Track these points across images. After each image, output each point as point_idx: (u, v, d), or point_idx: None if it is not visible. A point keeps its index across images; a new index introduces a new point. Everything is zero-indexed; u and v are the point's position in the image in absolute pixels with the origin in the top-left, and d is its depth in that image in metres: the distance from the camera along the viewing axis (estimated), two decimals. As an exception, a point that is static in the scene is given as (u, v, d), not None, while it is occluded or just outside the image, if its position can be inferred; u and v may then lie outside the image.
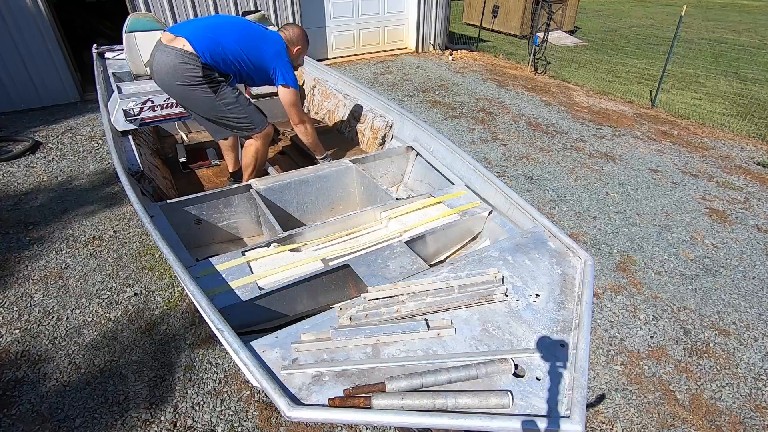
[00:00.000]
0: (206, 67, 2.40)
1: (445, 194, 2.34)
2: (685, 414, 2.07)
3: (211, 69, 2.43)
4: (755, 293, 2.80)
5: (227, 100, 2.52)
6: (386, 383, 1.16)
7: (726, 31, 12.29)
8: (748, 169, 4.42)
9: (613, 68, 8.06)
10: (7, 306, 2.56)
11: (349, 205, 2.77)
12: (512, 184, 3.97)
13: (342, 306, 1.48)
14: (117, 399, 2.05)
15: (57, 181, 3.87)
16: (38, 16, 5.19)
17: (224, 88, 2.50)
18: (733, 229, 3.44)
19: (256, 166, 2.85)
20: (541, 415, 1.12)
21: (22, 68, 5.31)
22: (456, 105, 5.90)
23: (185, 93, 2.47)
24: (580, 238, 3.28)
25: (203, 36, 2.41)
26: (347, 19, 7.72)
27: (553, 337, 1.36)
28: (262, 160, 2.86)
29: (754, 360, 2.35)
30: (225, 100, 2.52)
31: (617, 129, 5.27)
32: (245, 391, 2.10)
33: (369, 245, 2.04)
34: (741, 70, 8.20)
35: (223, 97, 2.51)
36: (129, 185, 2.05)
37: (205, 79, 2.41)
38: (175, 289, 2.69)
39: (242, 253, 1.87)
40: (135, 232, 3.21)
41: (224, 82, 2.52)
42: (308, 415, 1.09)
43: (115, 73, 3.87)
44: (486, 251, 1.75)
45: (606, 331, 2.50)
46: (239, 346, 1.23)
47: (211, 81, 2.45)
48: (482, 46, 9.29)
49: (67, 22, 6.44)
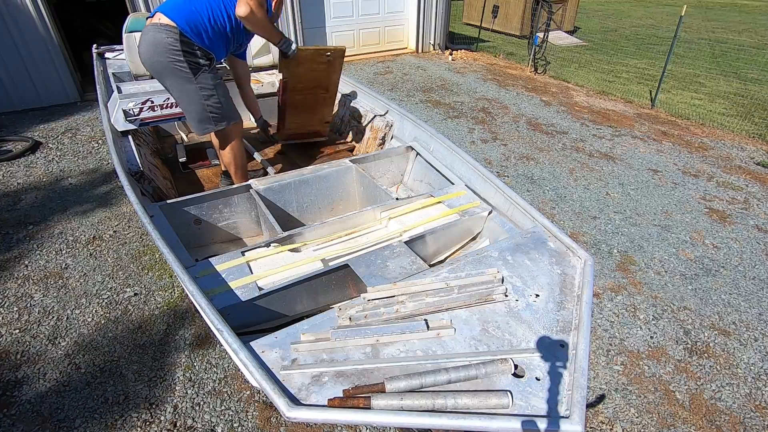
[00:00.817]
0: (185, 40, 2.35)
1: (445, 194, 2.34)
2: (685, 414, 2.07)
3: (191, 44, 2.37)
4: (755, 293, 2.80)
5: (204, 85, 2.48)
6: (386, 383, 1.16)
7: (726, 31, 12.29)
8: (748, 169, 4.42)
9: (613, 68, 8.06)
10: (7, 306, 2.56)
11: (349, 205, 2.77)
12: (512, 184, 3.97)
13: (341, 306, 1.48)
14: (117, 399, 2.05)
15: (57, 181, 3.87)
16: (38, 16, 5.19)
17: (204, 73, 2.47)
18: (733, 229, 3.44)
19: (239, 162, 2.81)
20: (541, 415, 1.12)
21: (22, 68, 5.31)
22: (456, 105, 5.90)
23: (167, 70, 2.42)
24: (580, 238, 3.28)
25: (175, 4, 2.38)
26: (347, 19, 7.72)
27: (553, 337, 1.36)
28: (242, 155, 2.82)
29: (754, 360, 2.35)
30: (201, 85, 2.48)
31: (617, 129, 5.27)
32: (245, 391, 2.10)
33: (369, 245, 2.04)
34: (741, 70, 8.19)
35: (201, 82, 2.47)
36: (129, 185, 2.05)
37: (184, 54, 2.36)
38: (175, 289, 2.69)
39: (242, 254, 1.87)
40: (135, 232, 3.21)
41: (207, 66, 2.47)
42: (308, 416, 1.09)
43: (115, 73, 3.87)
44: (486, 251, 1.75)
45: (606, 331, 2.50)
46: (239, 347, 1.23)
47: (191, 61, 2.40)
48: (482, 46, 9.29)
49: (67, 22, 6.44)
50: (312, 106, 3.35)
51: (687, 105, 6.20)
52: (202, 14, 2.39)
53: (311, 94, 3.26)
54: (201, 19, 2.38)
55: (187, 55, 2.38)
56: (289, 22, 7.03)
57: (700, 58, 9.03)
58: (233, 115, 2.68)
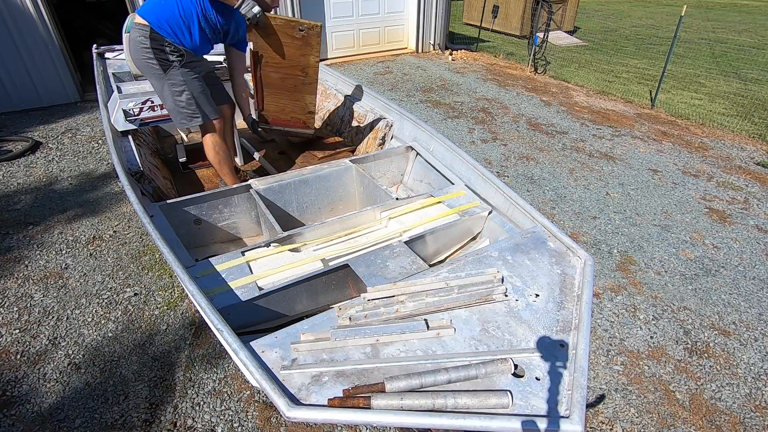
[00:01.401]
0: (155, 36, 2.37)
1: (445, 194, 2.34)
2: (685, 414, 2.07)
3: (161, 40, 2.39)
4: (755, 293, 2.80)
5: (174, 81, 2.49)
6: (386, 383, 1.16)
7: (726, 31, 12.29)
8: (748, 169, 4.42)
9: (613, 68, 8.06)
10: (7, 306, 2.56)
11: (349, 205, 2.77)
12: (512, 184, 3.97)
13: (341, 306, 1.48)
14: (117, 399, 2.05)
15: (57, 181, 3.87)
16: (38, 17, 5.19)
17: (174, 69, 2.47)
18: (733, 229, 3.44)
19: (221, 159, 2.80)
20: (541, 415, 1.12)
21: (22, 68, 5.31)
22: (456, 105, 5.90)
23: (142, 68, 2.47)
24: (580, 238, 3.28)
25: (148, 3, 2.40)
26: (347, 19, 7.72)
27: (553, 337, 1.36)
28: (224, 152, 2.81)
29: (754, 360, 2.35)
30: (172, 81, 2.49)
31: (617, 129, 5.27)
32: (245, 391, 2.10)
33: (369, 245, 2.04)
34: (741, 70, 8.19)
35: (171, 78, 2.48)
36: (129, 185, 2.05)
37: (154, 51, 2.39)
38: (175, 289, 2.69)
39: (242, 253, 1.87)
40: (135, 232, 3.21)
41: (178, 62, 2.46)
42: (308, 416, 1.09)
43: (115, 73, 3.87)
44: (486, 251, 1.75)
45: (606, 331, 2.50)
46: (239, 347, 1.23)
47: (161, 58, 2.42)
48: (482, 46, 9.29)
49: (67, 22, 6.44)
50: (291, 90, 3.25)
51: (687, 105, 6.20)
52: (172, 8, 2.39)
53: (289, 76, 3.18)
54: (172, 13, 2.39)
55: (157, 52, 2.40)
56: (289, 22, 7.02)
57: (700, 58, 9.03)
58: (208, 112, 2.65)
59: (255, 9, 2.61)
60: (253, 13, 2.62)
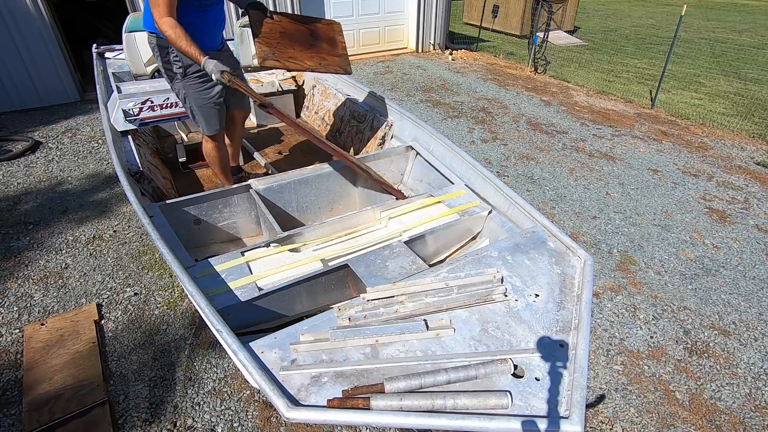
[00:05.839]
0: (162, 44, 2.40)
1: (445, 194, 2.34)
2: (685, 414, 2.07)
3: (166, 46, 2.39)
4: (755, 293, 2.80)
5: (177, 91, 2.59)
6: (385, 384, 1.16)
7: (726, 30, 12.28)
8: (748, 168, 4.42)
9: (613, 68, 8.05)
10: (7, 306, 2.56)
11: (349, 205, 2.77)
12: (512, 184, 3.97)
13: (341, 306, 1.48)
14: (117, 399, 2.05)
15: (57, 180, 3.87)
16: (38, 16, 5.18)
17: (178, 82, 2.53)
18: (733, 229, 3.44)
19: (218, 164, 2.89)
20: (541, 415, 1.12)
21: (22, 68, 5.31)
22: (456, 105, 5.89)
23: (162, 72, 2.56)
24: (580, 237, 3.28)
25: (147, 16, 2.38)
26: (347, 18, 7.71)
27: (553, 337, 1.36)
28: (219, 160, 2.88)
29: (754, 360, 2.35)
30: (176, 91, 2.60)
31: (617, 129, 5.27)
32: (245, 391, 2.10)
33: (368, 245, 2.04)
34: (741, 69, 8.19)
35: (175, 88, 2.58)
36: (128, 185, 2.05)
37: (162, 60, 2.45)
38: (175, 289, 2.69)
39: (241, 254, 1.87)
40: (135, 232, 3.21)
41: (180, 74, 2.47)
42: (307, 416, 1.09)
43: (115, 73, 3.87)
44: (485, 251, 1.75)
45: (606, 330, 2.50)
46: (238, 347, 1.23)
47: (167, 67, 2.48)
48: (482, 45, 9.29)
49: (67, 22, 6.44)
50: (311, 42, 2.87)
51: (687, 105, 6.20)
52: None
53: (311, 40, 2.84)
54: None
55: (165, 62, 2.47)
56: (289, 22, 7.01)
57: (701, 57, 9.02)
58: (203, 129, 2.72)
59: (215, 75, 2.28)
60: (215, 78, 2.30)
